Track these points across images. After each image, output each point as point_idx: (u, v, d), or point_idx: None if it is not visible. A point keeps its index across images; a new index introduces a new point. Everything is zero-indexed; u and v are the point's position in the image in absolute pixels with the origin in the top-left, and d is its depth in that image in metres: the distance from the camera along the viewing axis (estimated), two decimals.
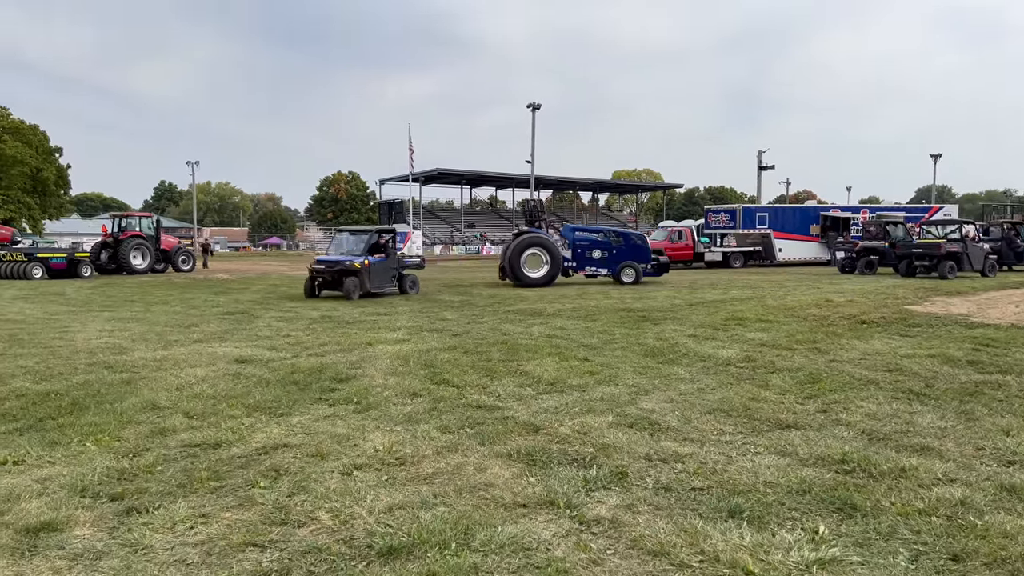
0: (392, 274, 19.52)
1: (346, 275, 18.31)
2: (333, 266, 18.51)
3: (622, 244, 24.55)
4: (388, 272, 19.39)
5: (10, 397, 6.96)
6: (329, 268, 18.53)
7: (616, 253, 24.31)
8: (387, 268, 19.35)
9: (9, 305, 17.12)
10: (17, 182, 65.41)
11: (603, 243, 24.42)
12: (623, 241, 24.72)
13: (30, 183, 67.04)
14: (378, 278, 18.94)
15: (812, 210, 43.64)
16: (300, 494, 4.37)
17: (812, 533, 3.77)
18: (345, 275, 18.30)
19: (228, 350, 9.79)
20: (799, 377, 7.77)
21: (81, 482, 4.55)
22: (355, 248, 19.61)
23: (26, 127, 67.36)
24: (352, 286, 18.20)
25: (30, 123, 68.30)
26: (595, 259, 24.21)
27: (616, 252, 24.32)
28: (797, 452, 5.15)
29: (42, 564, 3.48)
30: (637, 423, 5.93)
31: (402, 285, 19.64)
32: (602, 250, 24.26)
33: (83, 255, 30.32)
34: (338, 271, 18.41)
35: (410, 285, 19.77)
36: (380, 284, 19.03)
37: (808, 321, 12.63)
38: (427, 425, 5.91)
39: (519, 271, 22.71)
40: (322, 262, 18.97)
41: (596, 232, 25.50)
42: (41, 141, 68.37)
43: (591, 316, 13.85)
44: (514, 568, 3.42)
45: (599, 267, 24.24)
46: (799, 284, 22.66)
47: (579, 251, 24.09)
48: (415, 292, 19.68)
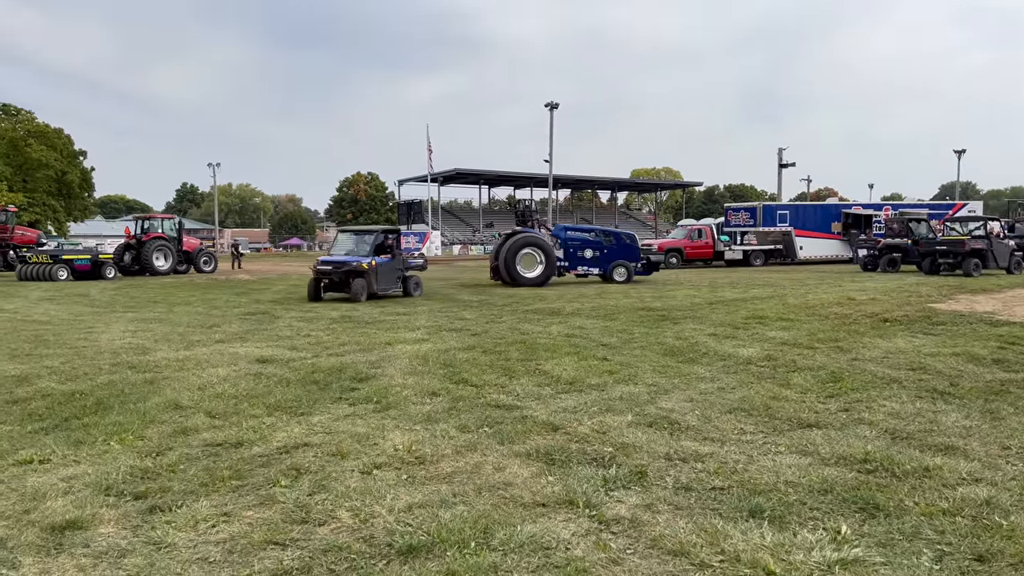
0: (398, 275, 19.09)
1: (354, 276, 17.84)
2: (340, 267, 17.92)
3: (613, 244, 24.71)
4: (394, 273, 18.99)
5: (36, 397, 7.06)
6: (336, 269, 17.92)
7: (607, 252, 24.42)
8: (393, 269, 18.93)
9: (35, 306, 17.37)
10: (43, 185, 66.35)
11: (594, 243, 24.54)
12: (614, 241, 24.89)
13: (55, 186, 67.96)
14: (384, 279, 18.54)
15: (834, 207, 43.24)
16: (320, 493, 4.40)
17: (834, 533, 3.74)
18: (353, 276, 17.84)
19: (249, 350, 9.87)
20: (821, 376, 7.70)
21: (105, 481, 4.61)
22: (361, 248, 18.98)
23: (51, 131, 68.28)
24: (360, 288, 17.72)
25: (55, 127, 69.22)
26: (587, 258, 24.24)
27: (607, 251, 24.44)
28: (819, 451, 5.10)
29: (67, 562, 3.53)
30: (657, 422, 5.91)
31: (406, 287, 19.23)
32: (593, 249, 24.35)
33: (107, 257, 30.71)
34: (346, 272, 17.88)
35: (414, 287, 19.37)
36: (386, 286, 18.62)
37: (830, 319, 12.52)
38: (446, 424, 5.93)
39: (514, 271, 22.55)
40: (328, 263, 18.27)
41: (587, 232, 25.66)
42: (66, 144, 69.29)
43: (610, 315, 13.82)
44: (533, 567, 3.42)
45: (590, 266, 24.29)
46: (820, 282, 22.47)
47: (571, 251, 24.10)
48: (418, 294, 19.28)
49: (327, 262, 18.27)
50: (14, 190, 63.02)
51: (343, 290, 18.11)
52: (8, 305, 17.68)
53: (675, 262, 36.36)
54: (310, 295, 18.23)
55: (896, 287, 19.69)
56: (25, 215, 56.86)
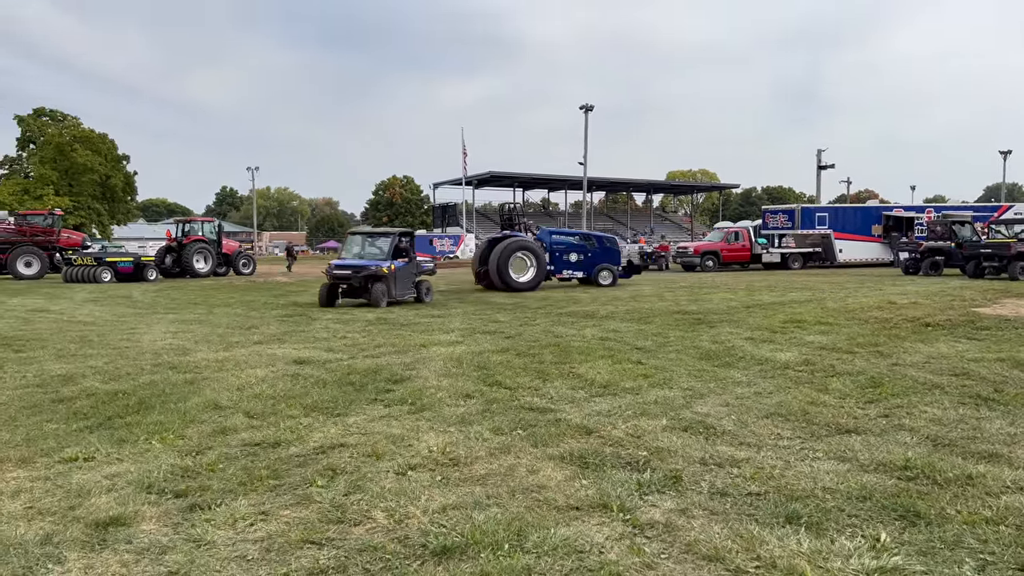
0: (413, 280, 18.26)
1: (374, 281, 16.89)
2: (359, 271, 16.87)
3: (596, 247, 24.61)
4: (410, 278, 18.13)
5: (81, 396, 7.24)
6: (356, 273, 16.85)
7: (591, 256, 24.31)
8: (409, 273, 18.07)
9: (80, 307, 17.80)
10: (87, 189, 67.97)
11: (579, 246, 24.40)
12: (596, 244, 24.78)
13: (99, 190, 69.59)
14: (401, 284, 17.62)
15: (874, 210, 42.47)
16: (356, 493, 4.44)
17: (873, 540, 3.68)
18: (373, 281, 16.89)
19: (287, 351, 10.01)
20: (860, 381, 7.58)
21: (147, 479, 4.71)
22: (379, 251, 17.89)
23: (96, 136, 69.91)
24: (381, 293, 16.74)
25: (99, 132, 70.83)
26: (572, 262, 24.06)
27: (591, 255, 24.33)
28: (858, 458, 5.02)
29: (111, 557, 3.61)
30: (692, 427, 5.87)
31: (418, 292, 18.31)
32: (578, 253, 24.19)
33: (148, 259, 31.35)
34: (365, 277, 16.86)
35: (425, 292, 18.48)
36: (403, 290, 17.74)
37: (870, 324, 12.31)
38: (480, 426, 5.95)
39: (507, 276, 21.94)
40: (344, 267, 17.16)
41: (572, 236, 25.41)
42: (110, 149, 70.90)
43: (645, 318, 13.74)
44: (567, 570, 3.42)
45: (575, 270, 24.12)
46: (860, 286, 22.10)
47: (557, 254, 23.86)
48: (430, 299, 18.38)
49: (343, 266, 17.22)
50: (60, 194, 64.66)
51: (360, 296, 17.15)
52: (54, 306, 18.15)
53: (711, 265, 36.05)
54: (323, 301, 17.26)
55: (939, 291, 19.28)
56: (71, 218, 58.34)
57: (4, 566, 3.50)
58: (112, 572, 3.45)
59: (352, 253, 18.26)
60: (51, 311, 16.86)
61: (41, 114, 73.05)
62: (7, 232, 34.69)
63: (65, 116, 73.74)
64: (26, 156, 71.52)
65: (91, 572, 3.45)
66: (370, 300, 16.80)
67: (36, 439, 5.69)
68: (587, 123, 55.02)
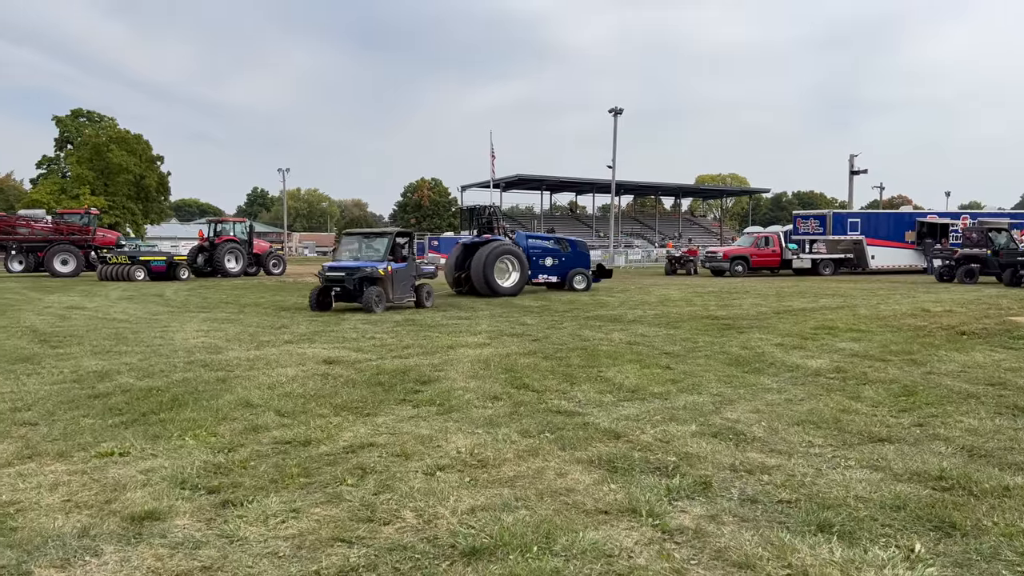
0: (412, 283, 17.35)
1: (369, 283, 16.07)
2: (353, 273, 15.97)
3: (569, 251, 24.31)
4: (409, 281, 17.23)
5: (116, 392, 7.37)
6: (349, 275, 15.95)
7: (564, 260, 24.04)
8: (408, 276, 17.17)
9: (115, 305, 18.11)
10: (122, 189, 69.17)
11: (553, 251, 24.08)
12: (570, 248, 24.47)
13: (134, 190, 70.77)
14: (399, 287, 16.76)
15: (907, 216, 41.85)
16: (385, 492, 4.47)
17: (907, 551, 3.63)
18: (367, 283, 16.07)
19: (316, 351, 10.10)
20: (893, 389, 7.47)
21: (181, 474, 4.78)
22: (373, 252, 16.97)
23: (131, 136, 71.12)
24: (376, 297, 15.85)
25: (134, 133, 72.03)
26: (547, 266, 23.69)
27: (564, 259, 24.06)
28: (891, 467, 4.95)
29: (146, 551, 3.67)
30: (722, 433, 5.82)
31: (418, 296, 17.36)
32: (553, 257, 23.89)
33: (181, 258, 31.84)
34: (359, 279, 15.98)
35: (426, 296, 17.51)
36: (401, 294, 16.87)
37: (903, 331, 12.13)
38: (508, 429, 5.96)
39: (493, 281, 21.04)
40: (337, 268, 16.36)
41: (547, 239, 25.07)
42: (145, 150, 72.09)
43: (673, 323, 13.67)
44: (595, 574, 3.41)
45: (550, 274, 23.78)
46: (893, 292, 21.78)
47: (533, 258, 23.32)
48: (430, 304, 17.45)
49: (337, 267, 16.42)
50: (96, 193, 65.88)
51: (355, 299, 16.23)
52: (90, 304, 18.49)
53: (741, 270, 35.74)
54: (314, 304, 16.30)
55: (974, 299, 18.94)
56: (106, 217, 59.39)
57: (44, 557, 3.57)
58: (147, 566, 3.50)
59: (349, 254, 17.41)
60: (87, 308, 17.18)
61: (79, 115, 74.54)
62: (45, 230, 35.45)
63: (102, 117, 75.16)
64: (64, 156, 73.04)
65: (127, 565, 3.51)
66: (364, 304, 15.89)
67: (73, 433, 5.81)
68: (616, 126, 54.83)
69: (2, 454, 5.27)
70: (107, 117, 74.27)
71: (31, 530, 3.90)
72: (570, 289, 23.43)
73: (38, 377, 8.21)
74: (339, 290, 16.26)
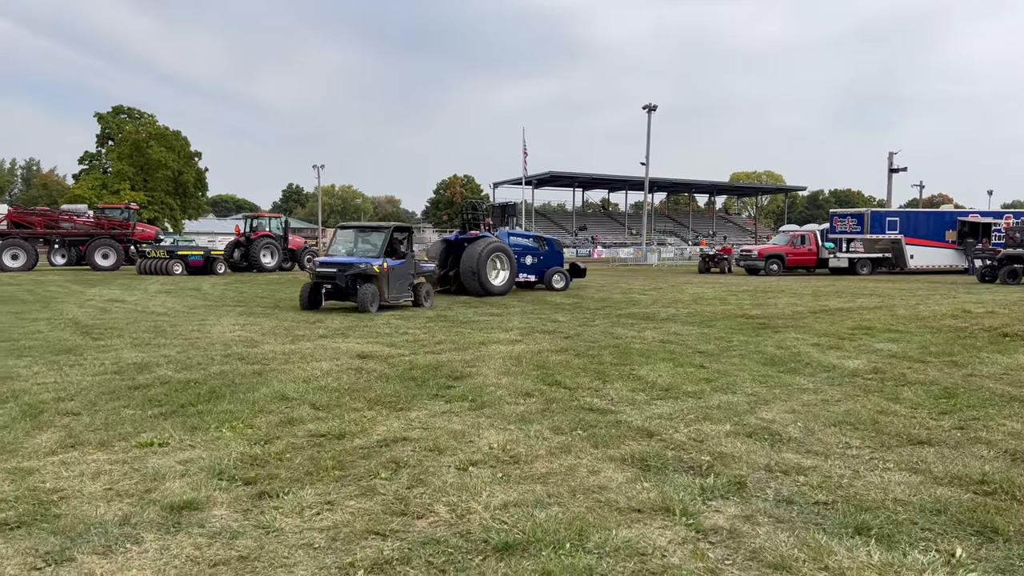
0: (410, 281, 16.27)
1: (362, 281, 15.09)
2: (345, 269, 15.00)
3: (547, 250, 23.74)
4: (406, 279, 16.12)
5: (155, 384, 7.51)
6: (341, 271, 14.99)
7: (543, 259, 23.40)
8: (405, 274, 16.08)
9: (153, 299, 18.45)
10: (161, 184, 70.42)
11: (533, 249, 23.40)
12: (547, 247, 23.88)
13: (172, 185, 71.99)
14: (396, 285, 15.68)
15: (948, 215, 40.98)
16: (419, 487, 4.50)
17: (948, 555, 3.56)
18: (361, 281, 15.08)
19: (350, 345, 10.20)
20: (933, 391, 7.33)
21: (218, 465, 4.86)
22: (369, 248, 16.00)
23: (170, 133, 72.35)
24: (370, 295, 14.86)
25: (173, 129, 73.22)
26: (527, 265, 22.82)
27: (543, 258, 23.43)
28: (931, 470, 4.86)
29: (185, 540, 3.74)
30: (756, 433, 5.76)
31: (417, 295, 16.37)
32: (533, 256, 23.18)
33: (218, 253, 32.32)
34: (352, 276, 15.00)
35: (425, 296, 16.58)
36: (398, 293, 15.81)
37: (943, 332, 11.90)
38: (540, 425, 5.96)
39: (486, 280, 20.01)
40: (329, 264, 15.37)
41: (527, 237, 24.33)
42: (183, 146, 73.31)
43: (707, 322, 13.55)
44: (629, 572, 3.40)
45: (530, 273, 22.91)
46: (933, 293, 21.36)
47: (516, 257, 22.32)
48: (429, 304, 16.48)
49: (329, 263, 15.41)
50: (136, 189, 67.15)
51: (348, 298, 15.33)
52: (129, 297, 18.86)
53: (776, 269, 35.31)
54: (304, 303, 15.42)
55: (1017, 300, 18.50)
56: (145, 212, 60.53)
57: (86, 544, 3.66)
58: (186, 555, 3.57)
59: (342, 249, 16.44)
60: (126, 302, 17.53)
61: (119, 112, 75.95)
62: (86, 225, 36.25)
63: (142, 114, 76.49)
64: (105, 152, 74.52)
65: (166, 554, 3.58)
66: (359, 303, 14.92)
67: (114, 424, 5.93)
68: (650, 123, 54.52)
69: (46, 443, 5.40)
70: (147, 114, 75.64)
71: (74, 517, 4.00)
72: (549, 288, 22.57)
73: (80, 368, 8.39)
74: (330, 287, 15.39)
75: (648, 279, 29.88)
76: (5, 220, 34.32)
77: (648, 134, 55.06)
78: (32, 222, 35.09)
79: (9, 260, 32.26)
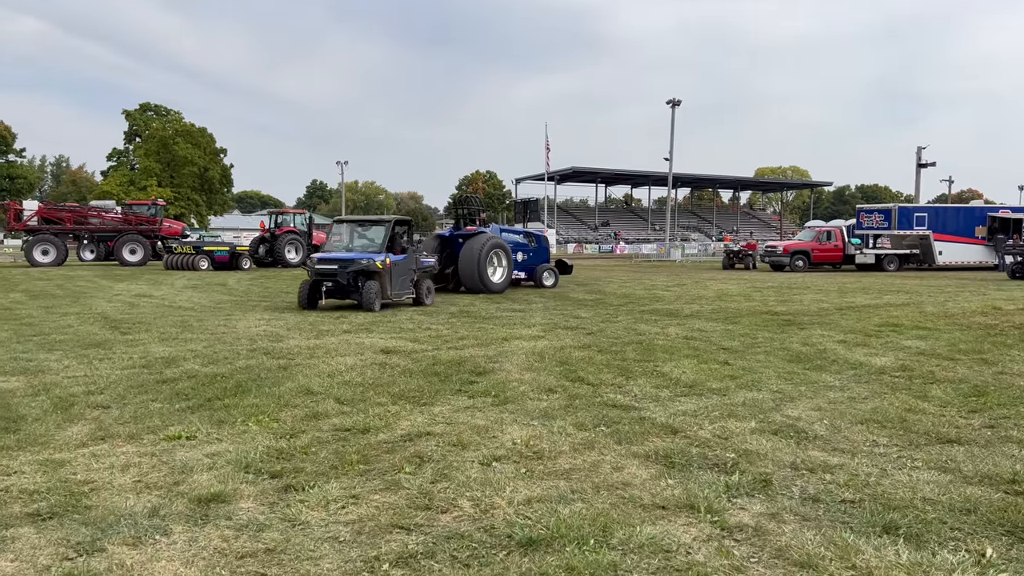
0: (412, 278, 15.57)
1: (365, 278, 14.37)
2: (347, 265, 14.28)
3: (536, 246, 23.15)
4: (408, 275, 15.40)
5: (183, 378, 7.60)
6: (343, 268, 14.27)
7: (532, 255, 22.61)
8: (407, 270, 15.36)
9: (180, 294, 18.67)
10: (187, 181, 71.18)
11: (524, 245, 22.52)
12: (536, 243, 23.25)
13: (198, 181, 72.73)
14: (398, 282, 14.97)
15: (978, 210, 40.29)
16: (442, 481, 4.52)
17: (978, 555, 3.51)
18: (363, 278, 14.36)
19: (374, 341, 10.25)
20: (962, 389, 7.22)
21: (245, 459, 4.91)
22: (370, 243, 15.26)
23: (196, 130, 73.07)
24: (374, 293, 14.17)
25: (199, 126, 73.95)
26: (519, 262, 21.82)
27: (532, 254, 22.63)
28: (960, 469, 4.80)
29: (212, 532, 3.78)
30: (782, 430, 5.72)
31: (418, 292, 15.71)
32: (523, 252, 22.31)
33: (243, 249, 32.65)
34: (354, 272, 14.28)
35: (426, 293, 15.96)
36: (400, 289, 15.11)
37: (973, 329, 11.72)
38: (563, 421, 5.95)
39: (487, 277, 19.22)
40: (329, 260, 14.63)
41: (518, 234, 23.36)
42: (209, 143, 74.02)
43: (731, 319, 13.46)
44: (653, 569, 3.39)
45: (520, 269, 21.88)
46: (962, 289, 21.04)
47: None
48: (430, 301, 15.88)
49: (328, 259, 14.70)
50: (162, 185, 67.91)
51: (349, 296, 14.59)
52: (157, 292, 19.10)
53: (801, 265, 34.96)
54: (303, 301, 14.58)
55: None
56: (172, 208, 61.24)
57: (117, 535, 3.71)
58: (214, 546, 3.61)
59: (341, 244, 15.69)
60: (154, 296, 17.76)
61: (146, 109, 76.87)
62: (115, 221, 36.76)
63: (168, 111, 77.35)
64: (132, 149, 75.46)
65: (195, 545, 3.62)
66: (361, 301, 14.28)
67: (143, 417, 6.02)
68: (673, 118, 54.19)
69: (77, 435, 5.50)
70: (173, 111, 76.50)
71: (104, 509, 4.06)
72: (539, 285, 21.70)
73: (109, 362, 8.52)
74: (330, 285, 14.48)
75: (671, 275, 29.73)
76: (36, 216, 34.92)
77: (672, 129, 54.76)
78: (62, 218, 35.67)
79: (40, 255, 32.82)
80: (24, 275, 26.47)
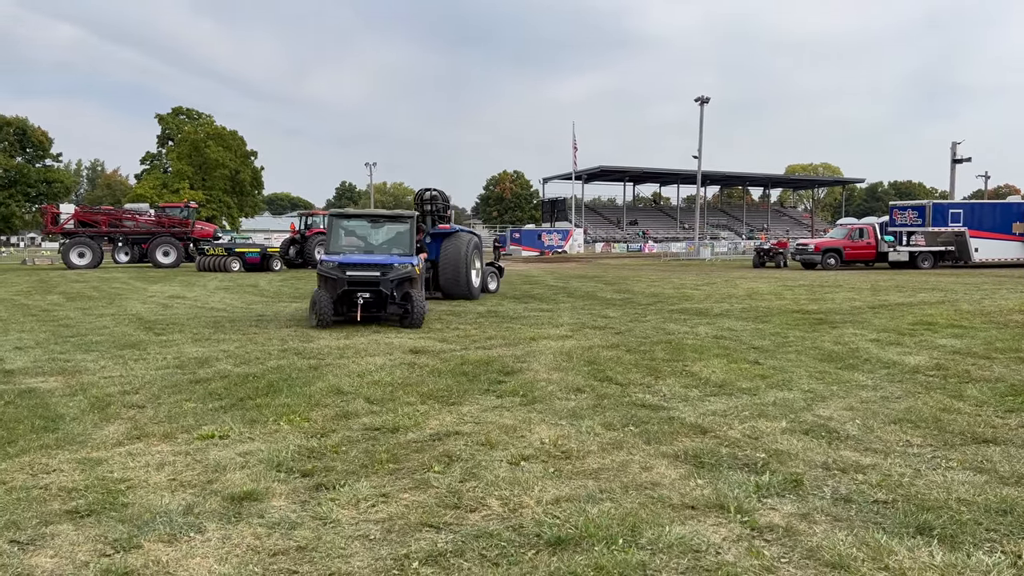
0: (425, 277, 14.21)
1: (408, 287, 12.02)
2: (387, 271, 11.77)
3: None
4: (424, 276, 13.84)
5: (216, 378, 7.71)
6: (384, 276, 11.70)
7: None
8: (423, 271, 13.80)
9: (212, 295, 18.93)
10: (219, 183, 72.12)
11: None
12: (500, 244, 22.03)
13: (229, 184, 73.64)
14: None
15: (1016, 206, 39.42)
16: (471, 480, 4.54)
17: (1014, 557, 3.45)
18: (407, 287, 12.00)
19: (403, 341, 10.31)
20: (999, 389, 7.09)
21: (277, 458, 4.97)
22: (396, 245, 13.05)
23: (227, 132, 74.02)
24: (421, 306, 11.80)
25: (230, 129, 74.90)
26: None
27: None
28: (996, 469, 4.71)
29: (245, 530, 3.84)
30: (813, 430, 5.66)
31: None
32: None
33: (274, 250, 33.00)
34: (399, 281, 11.83)
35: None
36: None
37: (1010, 328, 11.49)
38: (591, 421, 5.95)
39: (471, 282, 17.25)
40: (363, 264, 11.91)
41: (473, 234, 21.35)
42: (240, 145, 74.93)
43: (761, 317, 13.33)
44: (682, 569, 3.38)
45: None
46: (999, 287, 20.62)
47: None
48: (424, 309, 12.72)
49: (361, 263, 11.95)
50: (194, 188, 68.87)
51: (385, 310, 11.91)
52: (190, 293, 19.38)
53: (833, 263, 34.51)
54: (327, 318, 11.61)
55: None
56: (203, 211, 62.10)
57: (152, 532, 3.79)
58: (247, 544, 3.67)
59: (349, 247, 13.19)
60: (187, 298, 18.02)
61: (179, 112, 78.05)
62: (148, 223, 37.38)
63: (200, 115, 78.47)
64: (165, 152, 76.68)
65: (228, 543, 3.68)
66: (407, 318, 11.71)
67: (177, 416, 6.12)
68: (702, 115, 53.82)
69: (113, 434, 5.61)
70: (205, 114, 77.57)
71: (140, 506, 4.14)
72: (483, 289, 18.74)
73: (144, 363, 8.67)
74: (368, 296, 11.72)
75: (700, 274, 29.51)
76: (72, 220, 35.63)
77: (700, 127, 54.40)
78: (97, 221, 36.35)
79: (76, 258, 33.49)
80: (61, 277, 27.02)
